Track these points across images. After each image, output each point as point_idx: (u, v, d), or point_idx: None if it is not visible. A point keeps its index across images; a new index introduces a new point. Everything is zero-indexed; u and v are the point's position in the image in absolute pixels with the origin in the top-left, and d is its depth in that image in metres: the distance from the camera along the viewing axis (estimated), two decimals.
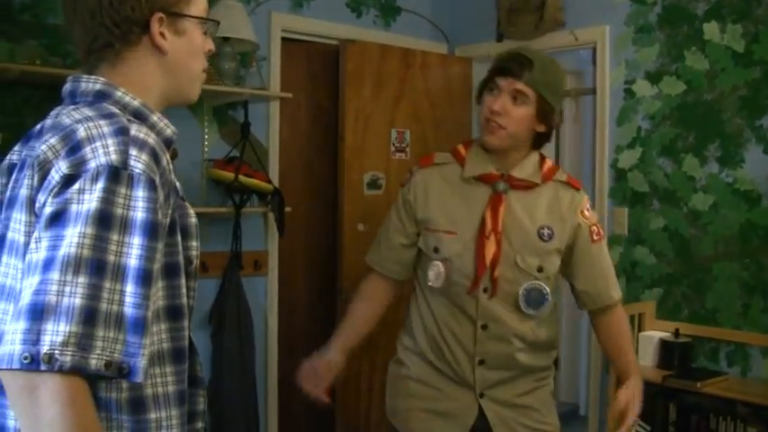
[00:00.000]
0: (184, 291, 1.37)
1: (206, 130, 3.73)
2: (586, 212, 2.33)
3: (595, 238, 2.33)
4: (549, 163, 2.36)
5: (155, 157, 1.25)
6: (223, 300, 3.70)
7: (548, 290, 2.27)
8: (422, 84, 4.44)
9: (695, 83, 3.70)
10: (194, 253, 1.42)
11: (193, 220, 1.43)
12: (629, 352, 2.41)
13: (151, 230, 1.19)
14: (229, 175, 3.56)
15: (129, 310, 1.16)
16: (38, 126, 1.36)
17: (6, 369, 1.10)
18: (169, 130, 1.42)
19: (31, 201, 1.24)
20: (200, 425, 1.48)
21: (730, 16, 3.56)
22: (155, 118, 1.39)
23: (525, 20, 4.23)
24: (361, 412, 4.27)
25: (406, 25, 4.54)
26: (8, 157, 1.38)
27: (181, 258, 1.35)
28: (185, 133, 2.09)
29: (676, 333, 3.62)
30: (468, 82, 4.66)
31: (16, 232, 1.26)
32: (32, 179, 1.24)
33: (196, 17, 1.43)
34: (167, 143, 1.41)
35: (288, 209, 3.79)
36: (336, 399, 4.20)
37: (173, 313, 1.35)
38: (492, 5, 4.44)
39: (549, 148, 5.34)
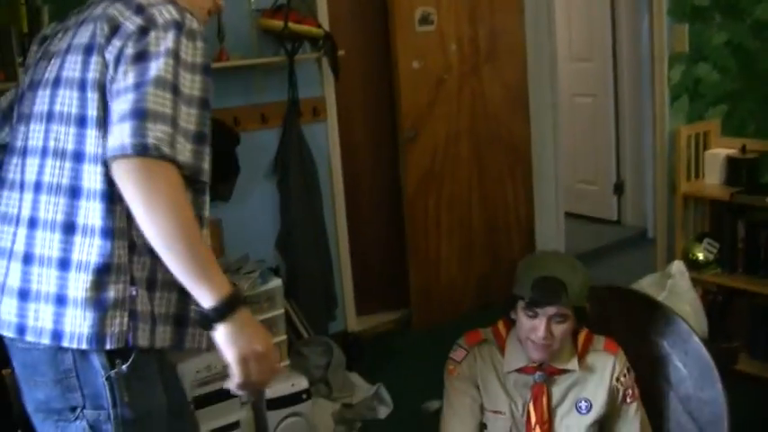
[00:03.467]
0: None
1: None
2: (622, 378, 2.40)
3: (628, 400, 2.41)
4: (582, 337, 2.41)
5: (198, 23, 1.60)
6: (285, 148, 3.75)
7: None
8: None
9: None
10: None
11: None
12: None
13: (207, 71, 1.56)
14: (278, 23, 3.52)
15: (195, 127, 1.51)
16: (75, 11, 1.72)
17: (121, 156, 1.41)
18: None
19: (101, 46, 1.53)
20: None
21: None
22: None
23: None
24: (431, 248, 4.38)
25: None
26: (41, 33, 1.81)
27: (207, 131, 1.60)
28: None
29: (743, 149, 3.58)
30: None
31: (87, 71, 1.54)
32: (103, 30, 1.54)
33: None
34: None
35: (341, 52, 3.75)
36: (407, 237, 4.30)
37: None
38: None
39: None
